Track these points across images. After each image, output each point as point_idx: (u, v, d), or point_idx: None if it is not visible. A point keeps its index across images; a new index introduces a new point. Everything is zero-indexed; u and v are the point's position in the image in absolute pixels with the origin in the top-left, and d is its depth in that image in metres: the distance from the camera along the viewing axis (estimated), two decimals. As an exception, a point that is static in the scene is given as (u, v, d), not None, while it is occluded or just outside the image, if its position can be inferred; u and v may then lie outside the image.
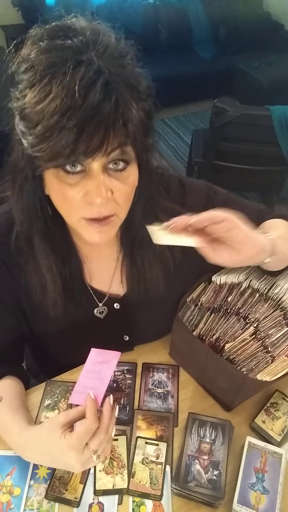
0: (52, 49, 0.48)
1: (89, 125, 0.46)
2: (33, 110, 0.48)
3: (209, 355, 0.76)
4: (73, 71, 0.46)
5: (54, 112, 0.46)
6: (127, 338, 0.87)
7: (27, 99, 0.48)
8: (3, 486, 0.70)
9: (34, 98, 0.47)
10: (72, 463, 0.60)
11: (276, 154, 2.11)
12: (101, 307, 0.81)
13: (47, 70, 0.47)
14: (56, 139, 0.47)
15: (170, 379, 0.86)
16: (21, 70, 0.50)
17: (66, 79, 0.46)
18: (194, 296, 0.86)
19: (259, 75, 3.57)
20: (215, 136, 2.16)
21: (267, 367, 0.75)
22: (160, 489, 0.70)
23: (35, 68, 0.48)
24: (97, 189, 0.53)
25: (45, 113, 0.47)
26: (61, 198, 0.56)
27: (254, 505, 0.66)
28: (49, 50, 0.48)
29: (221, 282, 0.89)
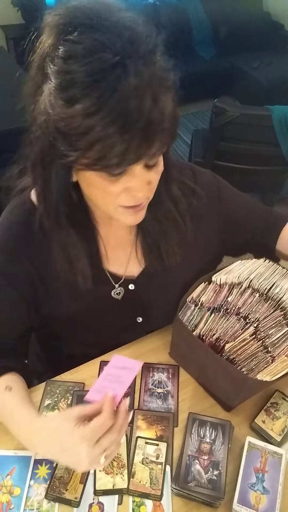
0: (89, 49, 0.46)
1: (140, 136, 0.48)
2: (84, 119, 0.47)
3: (209, 355, 0.76)
4: (124, 81, 0.45)
5: (109, 124, 0.46)
6: (140, 320, 0.88)
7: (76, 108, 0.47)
8: (3, 486, 0.70)
9: (86, 108, 0.46)
10: (80, 457, 0.58)
11: (276, 154, 2.11)
12: (118, 288, 0.82)
13: (94, 77, 0.45)
14: (107, 149, 0.48)
15: (170, 379, 0.86)
16: (55, 69, 0.48)
17: (119, 90, 0.45)
18: (194, 296, 0.86)
19: (259, 75, 3.57)
20: (215, 136, 2.16)
21: (267, 367, 0.75)
22: (160, 489, 0.70)
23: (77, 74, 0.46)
24: (140, 186, 0.57)
25: (98, 124, 0.46)
26: (101, 191, 0.58)
27: (254, 505, 0.66)
28: (87, 51, 0.45)
29: (221, 282, 0.89)
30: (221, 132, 2.11)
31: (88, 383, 0.85)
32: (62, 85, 0.47)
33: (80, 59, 0.46)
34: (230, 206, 0.88)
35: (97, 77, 0.45)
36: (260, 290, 0.85)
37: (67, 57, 0.47)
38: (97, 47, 0.45)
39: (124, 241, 0.81)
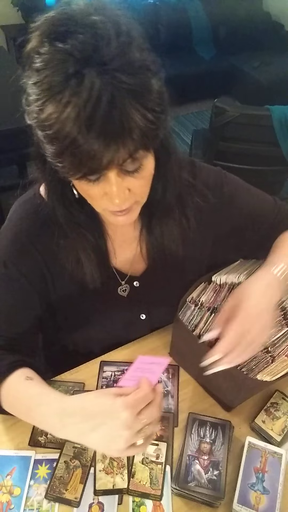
0: (54, 60, 0.47)
1: (98, 145, 0.48)
2: (48, 128, 0.49)
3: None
4: (78, 91, 0.46)
5: (65, 136, 0.48)
6: (144, 317, 0.89)
7: (42, 117, 0.49)
8: (3, 486, 0.70)
9: (46, 120, 0.48)
10: (120, 429, 0.54)
11: (276, 154, 2.11)
12: (124, 285, 0.83)
13: (55, 88, 0.47)
14: (71, 158, 0.49)
15: (170, 379, 0.86)
16: (31, 82, 0.50)
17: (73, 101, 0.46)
18: (194, 296, 0.86)
19: (259, 75, 3.57)
20: (215, 136, 2.16)
21: (267, 367, 0.75)
22: (160, 489, 0.70)
23: (42, 85, 0.48)
24: (115, 193, 0.57)
25: (57, 136, 0.48)
26: (85, 194, 0.61)
27: (254, 505, 0.66)
28: (52, 62, 0.47)
29: (221, 282, 0.89)
30: (221, 132, 2.11)
31: (88, 383, 0.85)
32: (34, 94, 0.49)
33: (45, 71, 0.48)
34: (238, 209, 0.86)
35: (59, 86, 0.47)
36: (260, 290, 0.85)
37: (36, 69, 0.49)
38: (61, 58, 0.47)
39: (129, 238, 0.81)
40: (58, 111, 0.47)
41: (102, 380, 0.85)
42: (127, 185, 0.58)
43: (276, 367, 0.75)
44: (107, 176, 0.55)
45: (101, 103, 0.46)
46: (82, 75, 0.46)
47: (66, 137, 0.48)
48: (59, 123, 0.47)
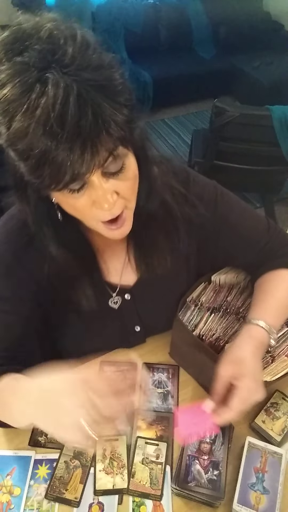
0: (14, 73, 0.46)
1: (75, 148, 0.46)
2: (19, 143, 0.47)
3: (209, 355, 0.76)
4: (42, 96, 0.45)
5: (38, 143, 0.46)
6: (138, 329, 0.88)
7: (10, 133, 0.47)
8: (3, 486, 0.70)
9: (17, 132, 0.46)
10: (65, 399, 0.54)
11: (276, 154, 2.11)
12: (115, 297, 0.82)
13: (18, 101, 0.45)
14: (49, 168, 0.47)
15: (170, 379, 0.86)
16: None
17: (40, 107, 0.45)
18: (194, 296, 0.86)
19: (259, 75, 3.57)
20: (215, 136, 2.16)
21: (267, 367, 0.75)
22: (160, 489, 0.70)
23: (6, 101, 0.46)
24: (103, 198, 0.54)
25: (31, 146, 0.46)
26: (73, 209, 0.58)
27: (254, 505, 0.66)
28: (12, 76, 0.46)
29: (220, 282, 0.89)
30: (221, 132, 2.11)
31: (88, 383, 0.85)
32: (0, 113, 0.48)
33: (7, 85, 0.46)
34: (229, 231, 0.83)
35: (22, 97, 0.45)
36: (260, 290, 0.85)
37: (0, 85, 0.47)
38: (21, 70, 0.46)
39: (117, 249, 0.79)
40: (26, 119, 0.45)
41: (102, 380, 0.85)
42: (113, 188, 0.56)
43: (276, 367, 0.75)
44: (91, 182, 0.53)
45: (69, 102, 0.45)
46: (45, 80, 0.45)
47: (39, 146, 0.46)
48: (29, 133, 0.45)
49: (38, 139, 0.46)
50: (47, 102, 0.44)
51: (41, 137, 0.45)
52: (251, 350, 0.69)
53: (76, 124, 0.45)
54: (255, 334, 0.72)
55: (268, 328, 0.73)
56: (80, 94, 0.45)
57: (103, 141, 0.48)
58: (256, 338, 0.72)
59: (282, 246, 0.85)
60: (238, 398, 0.64)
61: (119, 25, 3.52)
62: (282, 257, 0.84)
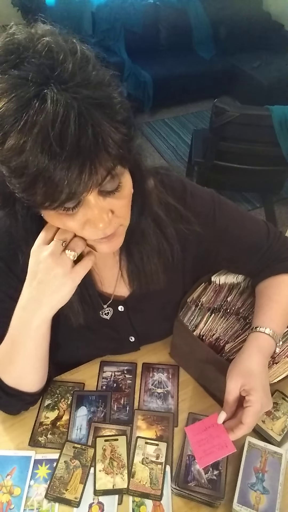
0: (9, 88, 0.44)
1: (75, 166, 0.45)
2: (13, 160, 0.45)
3: (210, 355, 0.76)
4: (41, 112, 0.43)
5: (35, 161, 0.44)
6: (133, 339, 0.87)
7: (4, 149, 0.45)
8: (3, 486, 0.70)
9: (12, 149, 0.44)
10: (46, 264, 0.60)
11: (276, 154, 2.11)
12: (106, 308, 0.81)
13: (14, 116, 0.43)
14: (45, 186, 0.46)
15: (170, 379, 0.86)
16: None
17: (38, 124, 0.43)
18: (194, 296, 0.86)
19: (259, 75, 3.57)
20: (215, 136, 2.16)
21: (269, 369, 0.75)
22: (160, 489, 0.70)
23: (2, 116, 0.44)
24: (98, 217, 0.53)
25: (26, 163, 0.44)
26: (63, 227, 0.58)
27: (254, 505, 0.66)
28: (7, 91, 0.44)
29: (221, 282, 0.89)
30: (221, 132, 2.11)
31: (88, 383, 0.85)
32: None
33: (2, 99, 0.44)
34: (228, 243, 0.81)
35: (18, 112, 0.43)
36: (260, 290, 0.85)
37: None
38: (17, 84, 0.44)
39: (109, 262, 0.77)
40: (22, 136, 0.43)
41: (102, 380, 0.85)
42: (109, 207, 0.54)
43: (278, 368, 0.75)
44: (87, 200, 0.51)
45: (70, 120, 0.43)
46: (43, 96, 0.43)
47: (35, 164, 0.44)
48: (26, 150, 0.43)
49: (34, 157, 0.44)
50: (46, 119, 0.43)
51: (37, 155, 0.43)
52: (260, 360, 0.69)
53: (77, 144, 0.43)
54: (262, 343, 0.72)
55: (275, 336, 0.73)
56: (80, 112, 0.44)
57: (102, 160, 0.47)
58: (264, 347, 0.72)
59: (282, 250, 0.84)
60: (251, 413, 0.64)
61: (119, 25, 3.51)
62: (283, 262, 0.83)
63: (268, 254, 0.83)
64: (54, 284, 0.61)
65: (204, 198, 0.80)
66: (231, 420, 0.67)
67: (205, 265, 0.85)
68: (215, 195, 0.81)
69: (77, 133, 0.43)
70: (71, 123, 0.43)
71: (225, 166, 2.29)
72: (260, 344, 0.72)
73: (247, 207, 2.80)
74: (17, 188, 0.49)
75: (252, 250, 0.83)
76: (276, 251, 0.84)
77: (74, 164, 0.44)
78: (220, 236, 0.80)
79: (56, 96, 0.43)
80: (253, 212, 2.73)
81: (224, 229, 0.80)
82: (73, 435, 0.77)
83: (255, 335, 0.73)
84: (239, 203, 2.79)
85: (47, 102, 0.43)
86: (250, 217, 0.85)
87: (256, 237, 0.83)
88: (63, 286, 0.62)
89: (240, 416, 0.65)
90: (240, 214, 0.84)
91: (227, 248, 0.82)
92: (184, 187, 0.78)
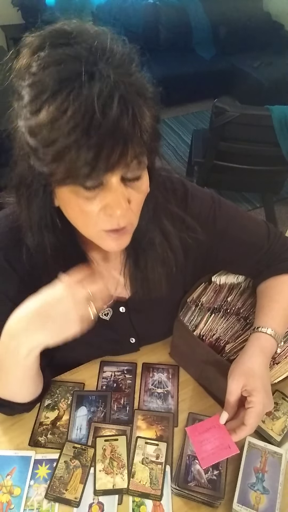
0: (59, 60, 0.46)
1: (109, 142, 0.46)
2: (48, 128, 0.46)
3: (210, 355, 0.76)
4: (89, 86, 0.45)
5: (71, 130, 0.45)
6: (134, 341, 0.87)
7: (40, 116, 0.46)
8: (3, 486, 0.70)
9: (48, 116, 0.46)
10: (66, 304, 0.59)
11: (276, 154, 2.11)
12: (106, 309, 0.80)
13: (59, 85, 0.45)
14: (75, 157, 0.46)
15: (170, 379, 0.86)
16: (26, 84, 0.48)
17: (83, 95, 0.44)
18: (194, 296, 0.86)
19: (259, 75, 3.57)
20: (215, 136, 2.16)
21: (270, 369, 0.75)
22: (160, 489, 0.70)
23: (43, 83, 0.46)
24: (117, 202, 0.53)
25: (62, 131, 0.45)
26: (79, 212, 0.56)
27: (254, 505, 0.66)
28: (56, 62, 0.46)
29: (221, 282, 0.89)
30: (221, 132, 2.11)
31: (88, 383, 0.85)
32: (30, 96, 0.48)
33: (48, 70, 0.46)
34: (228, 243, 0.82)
35: (62, 84, 0.45)
36: (260, 290, 0.85)
37: (37, 71, 0.48)
38: (66, 59, 0.46)
39: (112, 263, 0.77)
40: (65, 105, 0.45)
41: (102, 380, 0.85)
42: (128, 196, 0.54)
43: (280, 369, 0.75)
44: (109, 183, 0.52)
45: (114, 98, 0.45)
46: (93, 72, 0.45)
47: (70, 136, 0.45)
48: (63, 120, 0.45)
49: (71, 128, 0.45)
50: (92, 93, 0.44)
51: (75, 126, 0.45)
52: (261, 361, 0.69)
53: (116, 121, 0.45)
54: (264, 343, 0.72)
55: (276, 336, 0.73)
56: (124, 95, 0.46)
57: (135, 144, 0.48)
58: (265, 347, 0.72)
59: (283, 251, 0.84)
60: (253, 414, 0.64)
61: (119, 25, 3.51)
62: (284, 262, 0.83)
63: (268, 254, 0.83)
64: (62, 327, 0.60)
65: (204, 199, 0.80)
66: (233, 421, 0.67)
67: (205, 265, 0.85)
68: (215, 196, 0.82)
69: (119, 111, 0.46)
70: (115, 100, 0.45)
71: (225, 166, 2.28)
72: (262, 345, 0.72)
73: (247, 207, 2.80)
74: (41, 160, 0.49)
75: (253, 251, 0.83)
76: (277, 251, 0.84)
77: (109, 140, 0.46)
78: (220, 237, 0.80)
79: (105, 74, 0.46)
80: (253, 212, 2.73)
81: (224, 230, 0.80)
82: (73, 435, 0.77)
83: (256, 335, 0.73)
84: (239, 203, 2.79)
85: (95, 79, 0.45)
86: (250, 217, 0.85)
87: (257, 237, 0.83)
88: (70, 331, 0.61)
89: (242, 417, 0.65)
90: (240, 215, 0.84)
91: (227, 249, 0.82)
92: (185, 188, 0.78)
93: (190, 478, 0.69)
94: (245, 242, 0.82)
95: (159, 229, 0.71)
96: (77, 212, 0.56)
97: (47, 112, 0.46)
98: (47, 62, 0.47)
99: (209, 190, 0.82)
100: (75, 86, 0.45)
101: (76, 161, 0.47)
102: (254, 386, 0.65)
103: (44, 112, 0.46)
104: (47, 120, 0.46)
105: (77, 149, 0.46)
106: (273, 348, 0.73)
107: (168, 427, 0.78)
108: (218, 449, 0.66)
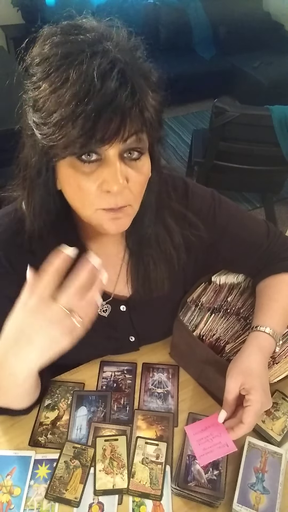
0: (67, 41, 0.50)
1: (106, 111, 0.47)
2: (48, 98, 0.49)
3: (210, 356, 0.76)
4: (90, 60, 0.47)
5: (70, 99, 0.47)
6: (133, 339, 0.87)
7: (42, 88, 0.49)
8: (3, 486, 0.70)
9: (50, 86, 0.48)
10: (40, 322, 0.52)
11: (276, 154, 2.11)
12: (105, 305, 0.80)
13: (62, 60, 0.48)
14: (73, 126, 0.48)
15: (170, 379, 0.86)
16: (35, 63, 0.51)
17: (83, 67, 0.47)
18: (194, 296, 0.86)
19: (259, 75, 3.57)
20: (215, 136, 2.16)
21: (270, 369, 0.75)
22: (160, 489, 0.70)
23: (50, 60, 0.49)
24: (114, 177, 0.53)
25: (61, 100, 0.47)
26: (77, 189, 0.56)
27: (254, 505, 0.66)
28: (64, 43, 0.50)
29: (221, 282, 0.89)
30: (221, 132, 2.11)
31: (88, 383, 0.85)
32: (37, 72, 0.51)
33: (56, 49, 0.50)
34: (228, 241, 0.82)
35: (66, 59, 0.48)
36: (260, 290, 0.85)
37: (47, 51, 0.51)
38: (74, 40, 0.50)
39: (113, 259, 0.78)
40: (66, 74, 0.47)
41: (102, 380, 0.85)
42: (126, 173, 0.55)
43: (279, 368, 0.75)
44: (107, 157, 0.52)
45: (115, 70, 0.47)
46: (96, 48, 0.48)
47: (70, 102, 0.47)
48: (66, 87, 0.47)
49: (70, 97, 0.47)
50: (92, 65, 0.47)
51: (74, 95, 0.47)
52: (260, 359, 0.69)
53: (115, 92, 0.47)
54: (262, 342, 0.72)
55: (275, 335, 0.73)
56: (125, 70, 0.48)
57: (134, 117, 0.49)
58: (264, 346, 0.72)
59: (282, 250, 0.84)
60: (251, 412, 0.64)
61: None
62: (283, 261, 0.83)
63: (268, 253, 0.83)
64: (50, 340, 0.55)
65: (204, 197, 0.80)
66: (231, 420, 0.67)
67: (205, 264, 0.85)
68: (215, 194, 0.82)
69: (118, 84, 0.47)
70: (114, 73, 0.47)
71: (225, 166, 2.28)
72: (260, 343, 0.72)
73: (247, 207, 2.80)
74: (43, 135, 0.50)
75: (252, 249, 0.83)
76: (276, 250, 0.84)
77: (106, 111, 0.47)
78: (220, 234, 0.80)
79: (107, 50, 0.49)
80: (253, 212, 2.73)
81: (224, 227, 0.80)
82: (73, 435, 0.77)
83: (255, 334, 0.73)
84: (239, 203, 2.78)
85: (97, 55, 0.48)
86: (250, 216, 0.86)
87: (256, 236, 0.83)
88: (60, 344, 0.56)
89: (240, 416, 0.65)
90: (240, 213, 0.84)
91: (227, 247, 0.82)
92: (186, 185, 0.79)
93: (190, 478, 0.69)
94: (245, 241, 0.82)
95: (163, 226, 0.71)
96: (75, 189, 0.56)
97: (49, 83, 0.49)
98: (56, 43, 0.50)
99: (209, 189, 0.83)
100: (77, 59, 0.47)
101: (73, 130, 0.48)
102: (252, 384, 0.65)
103: (46, 84, 0.49)
104: (48, 91, 0.49)
105: (75, 118, 0.47)
106: (272, 347, 0.73)
107: (168, 427, 0.78)
108: (216, 447, 0.66)
